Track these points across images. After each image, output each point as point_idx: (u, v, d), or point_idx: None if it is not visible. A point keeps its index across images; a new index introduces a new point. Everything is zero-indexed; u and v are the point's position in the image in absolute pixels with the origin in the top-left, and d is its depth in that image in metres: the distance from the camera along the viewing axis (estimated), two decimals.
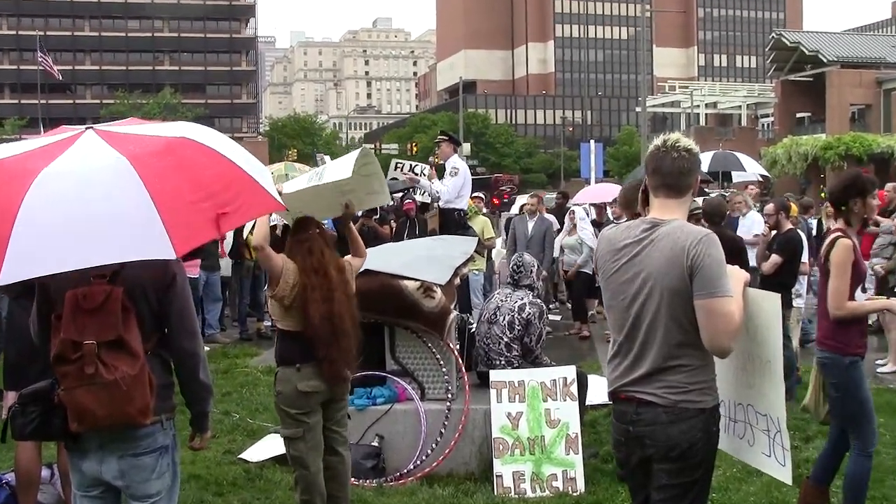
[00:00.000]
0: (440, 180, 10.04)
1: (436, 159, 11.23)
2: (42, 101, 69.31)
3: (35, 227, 2.70)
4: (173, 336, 3.36)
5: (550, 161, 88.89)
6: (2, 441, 3.39)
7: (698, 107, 76.46)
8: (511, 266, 6.81)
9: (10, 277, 2.67)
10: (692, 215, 7.79)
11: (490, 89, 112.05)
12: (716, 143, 44.11)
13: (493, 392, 5.99)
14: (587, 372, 6.85)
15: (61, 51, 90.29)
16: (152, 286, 3.29)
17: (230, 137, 3.58)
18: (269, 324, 10.84)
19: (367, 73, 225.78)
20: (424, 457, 5.96)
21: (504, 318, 6.42)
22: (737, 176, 16.71)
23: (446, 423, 6.00)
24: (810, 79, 58.14)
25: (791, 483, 3.51)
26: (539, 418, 5.92)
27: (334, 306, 4.53)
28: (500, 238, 13.50)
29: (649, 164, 3.24)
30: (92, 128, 3.15)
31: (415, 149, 60.72)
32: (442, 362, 6.14)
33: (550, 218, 12.85)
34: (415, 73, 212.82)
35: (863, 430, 4.72)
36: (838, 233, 4.87)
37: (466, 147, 55.97)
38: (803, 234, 9.00)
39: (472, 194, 11.14)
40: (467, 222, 9.97)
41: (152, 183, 2.79)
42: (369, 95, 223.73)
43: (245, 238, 11.39)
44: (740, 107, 79.44)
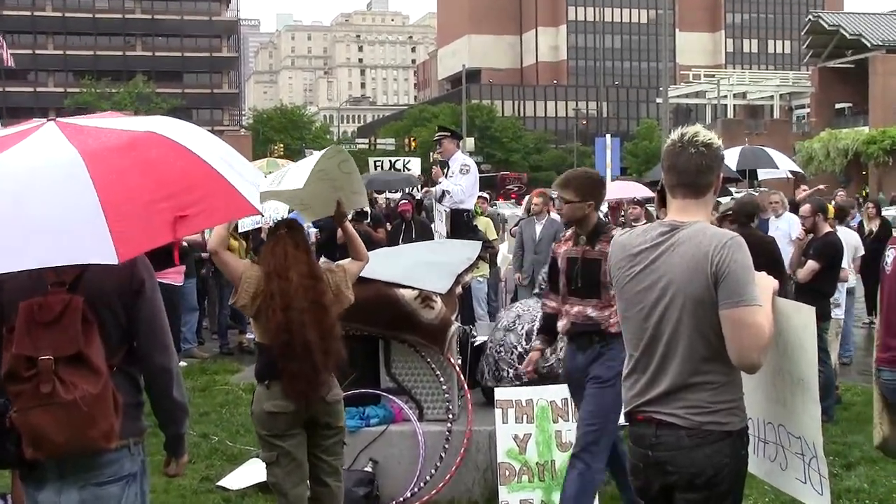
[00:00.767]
0: (446, 179, 9.98)
1: (437, 157, 11.21)
2: None
3: None
4: (143, 350, 3.33)
5: (562, 157, 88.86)
6: None
7: (725, 97, 76.60)
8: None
9: None
10: (724, 216, 7.78)
11: (496, 78, 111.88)
12: (745, 138, 44.14)
13: (498, 412, 5.99)
14: None
15: (19, 32, 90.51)
16: (117, 295, 3.25)
17: (209, 131, 3.59)
18: (252, 336, 10.85)
19: (360, 60, 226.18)
20: (423, 483, 5.96)
21: (523, 328, 6.47)
22: (764, 173, 16.67)
23: (447, 446, 6.00)
24: (851, 65, 58.25)
25: None
26: (549, 441, 5.93)
27: (293, 315, 4.47)
28: (505, 243, 13.51)
29: (665, 161, 3.25)
30: (54, 120, 3.15)
31: (413, 144, 60.71)
32: (442, 379, 6.15)
33: (556, 216, 12.85)
34: (413, 61, 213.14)
35: None
36: None
37: (470, 142, 55.99)
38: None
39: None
40: (476, 225, 9.97)
41: (104, 181, 2.79)
42: (363, 85, 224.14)
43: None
44: (772, 97, 79.65)
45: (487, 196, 15.12)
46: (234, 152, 3.29)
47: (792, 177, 16.98)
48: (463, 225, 9.58)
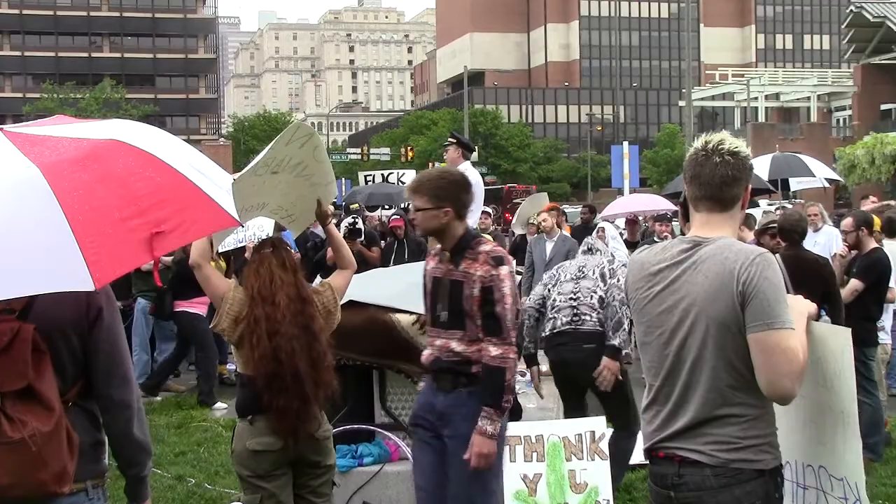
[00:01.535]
0: None
1: (441, 166, 11.27)
2: None
3: None
4: (100, 384, 3.29)
5: (575, 167, 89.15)
6: None
7: (756, 99, 76.69)
8: (583, 247, 7.32)
9: None
10: (765, 231, 7.75)
11: (501, 81, 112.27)
12: (778, 144, 44.19)
13: (504, 450, 5.99)
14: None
15: None
16: (72, 323, 3.22)
17: (185, 140, 3.59)
18: (234, 367, 10.84)
19: (351, 61, 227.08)
20: None
21: (594, 272, 6.79)
22: (797, 183, 16.62)
23: None
24: None
25: None
26: (561, 482, 5.93)
27: (281, 342, 4.47)
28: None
29: (687, 172, 3.26)
30: (1, 129, 3.10)
31: (410, 154, 60.87)
32: None
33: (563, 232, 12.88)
34: (410, 62, 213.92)
35: None
36: None
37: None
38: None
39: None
40: None
41: (69, 199, 2.75)
42: (355, 89, 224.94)
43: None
44: (809, 98, 79.73)
45: (491, 211, 15.13)
46: (203, 157, 3.29)
47: (829, 185, 16.92)
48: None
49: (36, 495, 3.05)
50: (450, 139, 10.11)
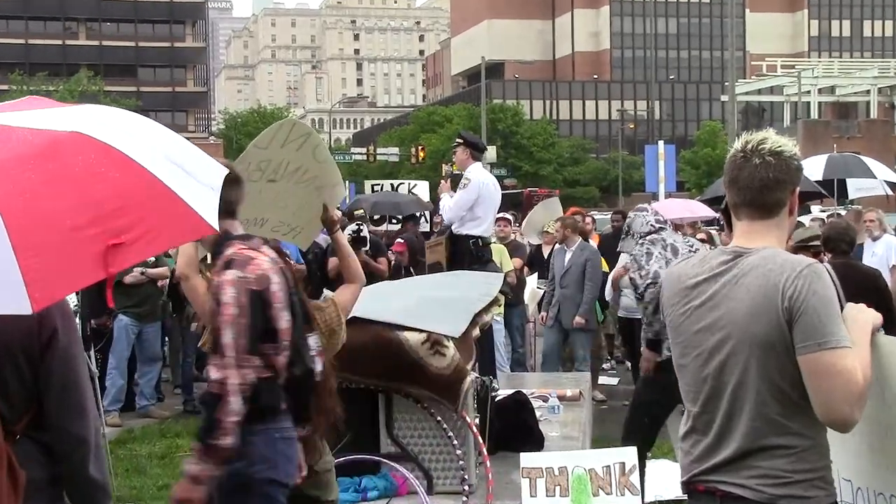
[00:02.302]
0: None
1: (452, 168, 11.33)
2: None
3: None
4: (53, 415, 3.24)
5: (604, 170, 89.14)
6: None
7: (808, 93, 76.56)
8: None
9: None
10: (804, 248, 7.74)
11: (523, 73, 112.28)
12: (834, 143, 44.08)
13: (524, 483, 6.01)
14: (655, 456, 6.86)
15: None
16: (21, 345, 3.16)
17: None
18: None
19: (356, 51, 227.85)
20: None
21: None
22: (856, 190, 16.49)
23: None
24: None
25: None
26: None
27: None
28: (533, 275, 13.52)
29: (727, 175, 3.27)
30: None
31: (421, 155, 60.87)
32: (456, 442, 6.16)
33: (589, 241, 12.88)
34: (421, 52, 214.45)
35: None
36: None
37: (491, 151, 56.03)
38: None
39: (498, 215, 11.17)
40: (488, 255, 9.96)
41: (12, 204, 2.58)
42: (360, 82, 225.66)
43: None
44: (868, 92, 79.51)
45: (511, 217, 15.12)
46: (189, 148, 3.15)
47: (892, 192, 16.77)
48: (468, 255, 9.57)
49: None
50: (457, 139, 10.17)
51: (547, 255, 13.21)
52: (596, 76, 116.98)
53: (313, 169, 4.73)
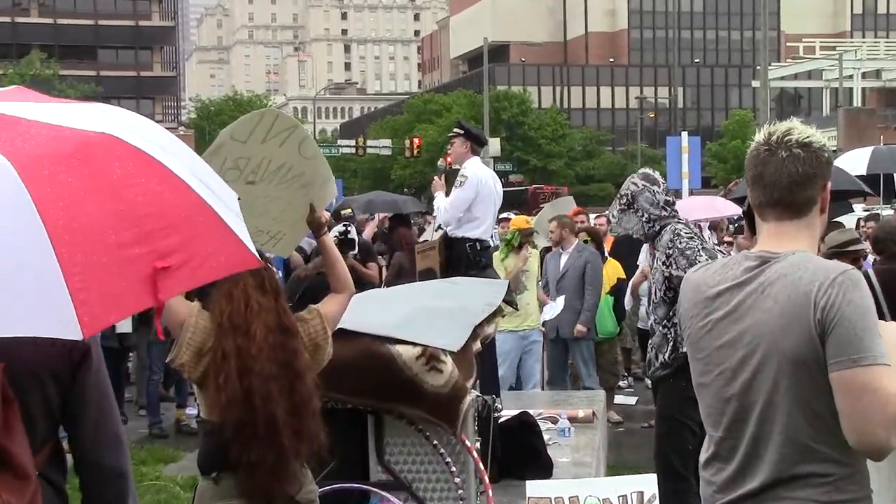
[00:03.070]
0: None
1: (447, 162, 11.30)
2: None
3: None
4: (87, 446, 3.21)
5: (621, 164, 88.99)
6: None
7: (851, 78, 76.56)
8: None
9: None
10: (841, 254, 7.70)
11: (530, 56, 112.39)
12: (880, 134, 43.98)
13: None
14: None
15: None
16: (49, 368, 3.12)
17: None
18: (195, 412, 10.85)
19: (344, 31, 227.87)
20: None
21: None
22: None
23: None
24: None
25: None
26: None
27: (254, 383, 4.46)
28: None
29: (749, 171, 3.25)
30: None
31: (416, 147, 60.94)
32: (454, 469, 6.16)
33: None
34: (416, 33, 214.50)
35: None
36: None
37: (494, 143, 56.07)
38: None
39: (500, 214, 11.18)
40: (486, 259, 9.96)
41: (52, 209, 2.36)
42: (348, 66, 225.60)
43: None
44: None
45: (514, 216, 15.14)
46: (204, 165, 2.92)
47: None
48: (465, 260, 9.57)
49: None
50: (455, 129, 10.14)
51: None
52: (612, 59, 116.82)
53: (299, 166, 4.72)
